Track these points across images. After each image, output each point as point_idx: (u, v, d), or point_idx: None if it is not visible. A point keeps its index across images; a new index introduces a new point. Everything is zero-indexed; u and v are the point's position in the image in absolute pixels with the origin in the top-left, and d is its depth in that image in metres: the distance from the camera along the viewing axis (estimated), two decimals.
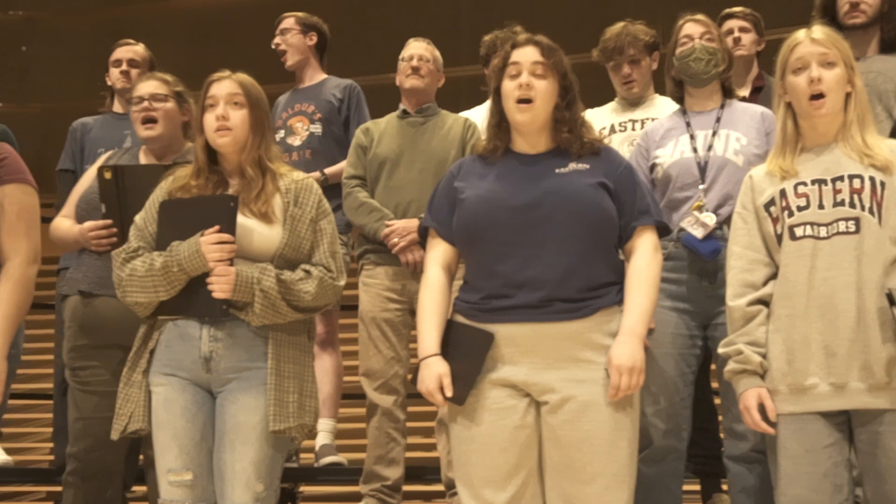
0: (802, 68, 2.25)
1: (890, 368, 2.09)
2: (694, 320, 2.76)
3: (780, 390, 2.20)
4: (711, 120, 2.89)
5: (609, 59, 3.38)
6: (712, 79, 2.91)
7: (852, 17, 3.30)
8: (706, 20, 2.98)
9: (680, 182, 2.81)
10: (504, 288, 2.24)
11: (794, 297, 2.19)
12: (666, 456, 2.73)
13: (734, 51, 3.62)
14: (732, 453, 2.72)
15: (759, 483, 2.66)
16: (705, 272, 2.75)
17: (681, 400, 2.74)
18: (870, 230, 2.14)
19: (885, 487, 2.09)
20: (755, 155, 2.78)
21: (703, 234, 2.73)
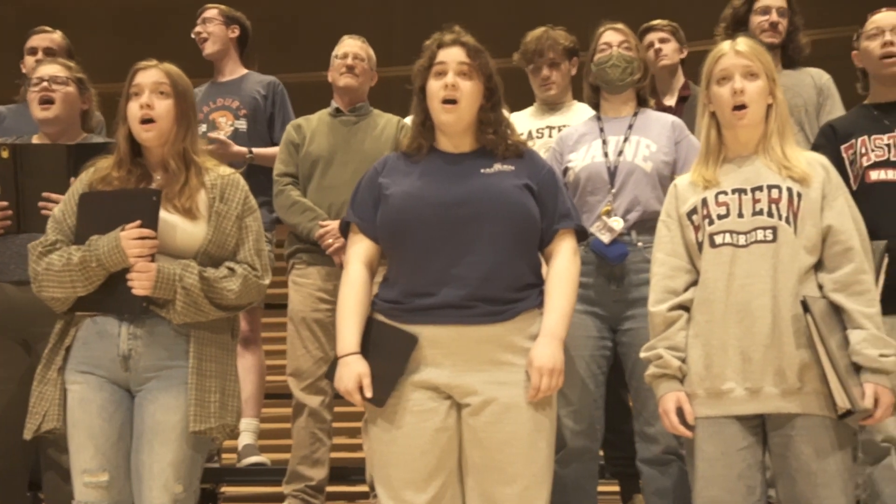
0: (726, 79, 2.30)
1: (802, 374, 2.14)
2: (603, 323, 2.80)
3: (697, 394, 2.25)
4: (624, 126, 2.94)
5: (529, 62, 3.43)
6: (627, 86, 2.97)
7: (770, 36, 3.43)
8: (625, 30, 3.03)
9: (590, 186, 2.85)
10: (428, 286, 2.25)
11: (712, 304, 2.24)
12: (580, 456, 2.77)
13: (658, 62, 3.71)
14: (644, 456, 2.76)
15: (672, 485, 2.72)
16: (613, 276, 2.78)
17: (593, 401, 2.78)
18: (786, 239, 2.20)
19: (796, 489, 2.15)
20: (664, 162, 2.84)
21: (609, 239, 2.77)
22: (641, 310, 2.71)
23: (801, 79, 3.41)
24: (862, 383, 2.10)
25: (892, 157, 2.72)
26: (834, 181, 2.26)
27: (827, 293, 2.18)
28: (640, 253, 2.77)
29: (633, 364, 2.76)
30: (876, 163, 2.74)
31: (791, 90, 3.37)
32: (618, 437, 3.08)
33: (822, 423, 2.13)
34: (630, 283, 2.78)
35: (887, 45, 2.78)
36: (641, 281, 2.74)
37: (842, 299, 2.15)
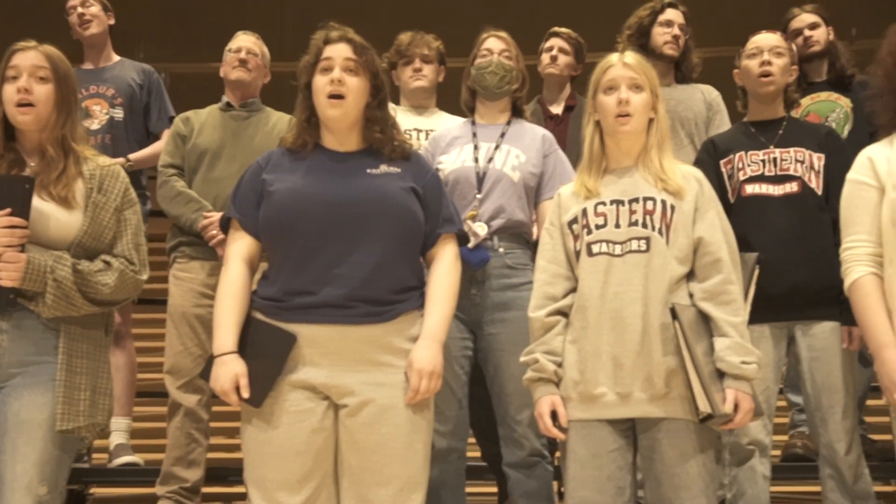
0: (613, 89, 2.36)
1: (669, 380, 2.21)
2: (464, 325, 2.83)
3: (571, 398, 2.30)
4: (497, 134, 2.97)
5: (402, 56, 3.46)
6: (504, 94, 3.01)
7: (671, 49, 3.54)
8: (508, 38, 3.08)
9: (458, 190, 2.88)
10: (309, 284, 2.22)
11: (588, 311, 2.29)
12: (447, 456, 2.79)
13: (547, 68, 3.78)
14: (510, 460, 2.80)
15: (538, 486, 2.77)
16: (474, 280, 2.81)
17: (457, 401, 2.81)
18: (658, 250, 2.27)
19: (661, 490, 2.22)
20: (531, 173, 2.90)
21: (473, 244, 2.80)
22: (500, 315, 2.77)
23: (692, 93, 3.53)
24: (724, 389, 2.18)
25: (767, 173, 2.84)
26: (707, 195, 2.34)
27: (696, 302, 2.26)
28: (501, 259, 2.81)
29: (493, 369, 2.81)
30: (751, 177, 2.85)
31: (682, 104, 3.49)
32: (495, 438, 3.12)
33: (686, 427, 2.21)
34: (490, 287, 2.81)
35: (765, 65, 2.89)
36: (501, 286, 2.79)
37: (709, 308, 2.23)
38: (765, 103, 2.94)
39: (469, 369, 2.86)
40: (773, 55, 2.90)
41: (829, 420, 2.69)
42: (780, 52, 2.92)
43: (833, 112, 3.51)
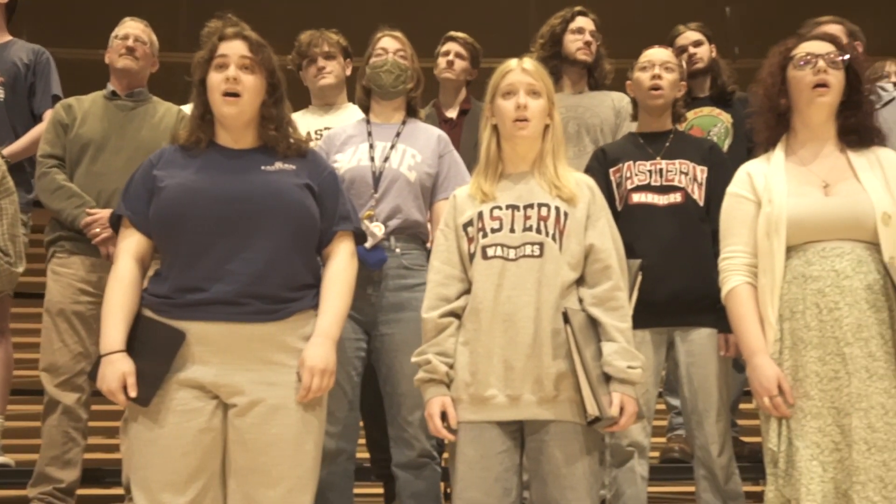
0: (511, 93, 2.39)
1: (558, 383, 2.25)
2: (359, 325, 2.83)
3: (462, 399, 2.31)
4: (392, 133, 2.98)
5: (304, 56, 3.45)
6: (399, 94, 3.02)
7: (584, 54, 3.62)
8: (402, 38, 3.09)
9: (354, 189, 2.87)
10: (200, 281, 2.19)
11: (481, 313, 2.31)
12: (336, 458, 2.78)
13: (444, 72, 3.80)
14: (399, 461, 2.81)
15: (426, 488, 2.79)
16: (371, 280, 2.82)
17: (348, 402, 2.80)
18: (551, 255, 2.31)
19: (546, 490, 2.26)
20: (427, 174, 2.92)
21: (371, 244, 2.80)
22: (395, 315, 2.78)
23: (602, 100, 3.61)
24: (610, 392, 2.24)
25: (653, 183, 2.92)
26: (598, 203, 2.39)
27: (586, 307, 2.31)
28: (397, 259, 2.82)
29: (386, 369, 2.81)
30: (638, 186, 2.92)
31: (590, 110, 3.57)
32: (385, 440, 3.12)
33: (573, 430, 2.25)
34: (386, 288, 2.82)
35: (655, 79, 2.98)
36: (398, 287, 2.80)
37: (598, 313, 2.28)
38: (654, 116, 3.03)
39: (362, 371, 2.85)
40: (663, 70, 2.99)
41: (704, 423, 2.78)
42: (671, 68, 3.01)
43: (715, 126, 3.65)
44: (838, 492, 2.17)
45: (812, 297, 2.27)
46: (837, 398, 2.21)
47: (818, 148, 2.42)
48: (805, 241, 2.32)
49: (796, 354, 2.27)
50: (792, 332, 2.29)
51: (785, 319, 2.31)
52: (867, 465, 2.14)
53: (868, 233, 2.29)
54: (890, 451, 2.15)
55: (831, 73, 2.37)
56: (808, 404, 2.23)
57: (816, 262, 2.29)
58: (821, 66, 2.37)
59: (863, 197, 2.31)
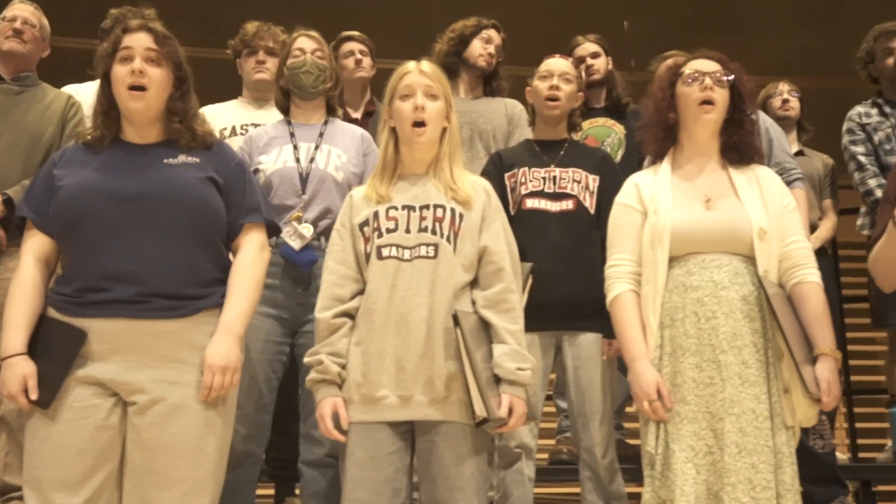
0: (409, 95, 2.40)
1: (449, 384, 2.27)
2: (284, 327, 2.82)
3: (354, 400, 2.31)
4: (315, 134, 2.98)
5: (246, 47, 3.40)
6: (319, 94, 3.02)
7: (484, 61, 3.65)
8: (319, 38, 3.09)
9: (281, 191, 2.86)
10: (101, 280, 2.13)
11: (374, 313, 2.32)
12: (244, 461, 2.74)
13: (357, 72, 3.80)
14: (307, 458, 2.79)
15: (329, 488, 2.76)
16: (300, 280, 2.82)
17: (263, 405, 2.78)
18: (446, 256, 2.33)
19: (436, 491, 2.27)
20: (353, 173, 2.93)
21: (300, 246, 2.80)
22: None
23: (495, 107, 3.65)
24: (500, 394, 2.26)
25: (546, 189, 2.97)
26: (493, 206, 2.43)
27: (478, 309, 2.33)
28: None
29: (306, 368, 2.78)
30: (532, 192, 2.97)
31: (483, 116, 3.61)
32: (282, 440, 3.09)
33: (463, 430, 2.27)
34: (315, 287, 2.78)
35: (554, 89, 3.04)
36: None
37: (490, 315, 2.31)
38: (550, 124, 3.08)
39: (281, 374, 2.82)
40: (562, 81, 3.04)
41: (589, 426, 2.84)
42: (569, 79, 3.07)
43: (609, 137, 3.75)
44: (710, 493, 2.25)
45: (691, 306, 2.35)
46: (712, 403, 2.29)
47: (702, 163, 2.51)
48: (687, 253, 2.40)
49: (675, 361, 2.35)
50: (672, 339, 2.37)
51: (665, 327, 2.38)
52: (737, 467, 2.23)
53: (745, 247, 2.38)
54: (759, 453, 2.24)
55: (717, 91, 2.46)
56: (685, 409, 2.30)
57: (697, 273, 2.37)
58: (707, 83, 2.45)
59: (741, 213, 2.41)
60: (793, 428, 2.31)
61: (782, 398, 2.30)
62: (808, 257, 2.43)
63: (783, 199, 2.47)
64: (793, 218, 2.46)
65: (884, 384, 4.14)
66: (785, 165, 3.43)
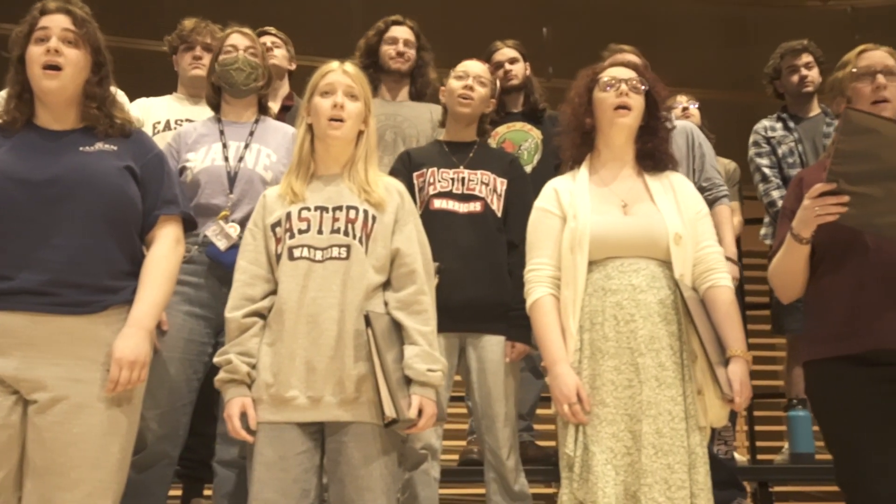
0: (329, 93, 2.39)
1: (360, 385, 2.27)
2: (209, 327, 2.76)
3: (263, 400, 2.29)
4: (245, 132, 2.94)
5: (183, 42, 3.34)
6: (251, 92, 2.98)
7: (397, 63, 3.64)
8: (253, 35, 3.05)
9: (209, 190, 2.81)
10: (6, 269, 2.06)
11: (285, 314, 2.30)
12: (157, 462, 2.67)
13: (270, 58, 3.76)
14: (222, 458, 2.74)
15: (236, 488, 2.71)
16: (226, 279, 2.74)
17: (182, 406, 2.71)
18: (357, 258, 2.32)
19: (345, 491, 2.26)
20: (282, 173, 2.88)
21: (226, 246, 2.75)
22: None
23: (421, 112, 3.64)
24: (410, 395, 2.27)
25: (455, 190, 2.97)
26: (407, 208, 2.43)
27: (390, 310, 2.33)
28: None
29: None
30: (440, 193, 2.97)
31: (408, 121, 3.60)
32: (196, 440, 3.02)
33: (372, 431, 2.27)
34: None
35: (467, 89, 3.05)
36: None
37: (402, 317, 2.32)
38: (461, 125, 3.09)
39: (203, 374, 2.75)
40: (476, 82, 3.06)
41: (494, 427, 2.86)
42: (483, 82, 3.09)
43: (526, 142, 3.79)
44: (628, 493, 2.29)
45: (610, 310, 2.39)
46: (630, 405, 2.33)
47: (618, 169, 2.56)
48: (606, 257, 2.44)
49: (594, 363, 2.38)
50: (591, 342, 2.40)
51: (585, 330, 2.41)
52: (654, 467, 2.27)
53: (661, 251, 2.43)
54: (674, 454, 2.29)
55: (632, 97, 2.51)
56: (604, 411, 2.34)
57: (615, 277, 2.42)
58: (623, 89, 2.50)
59: (657, 218, 2.46)
60: (705, 429, 2.37)
61: (696, 399, 2.35)
62: (719, 261, 2.50)
63: (696, 205, 2.54)
64: (705, 224, 2.53)
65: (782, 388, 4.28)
66: (714, 181, 3.53)
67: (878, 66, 2.43)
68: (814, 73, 3.91)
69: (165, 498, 2.78)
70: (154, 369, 2.25)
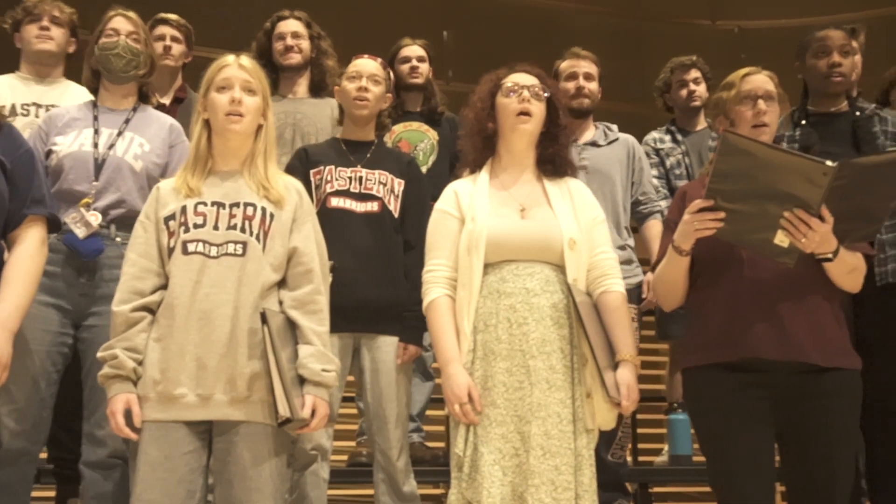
0: (226, 88, 2.35)
1: (252, 383, 2.24)
2: (66, 317, 2.66)
3: (150, 397, 2.23)
4: (121, 120, 2.85)
5: (28, 14, 3.22)
6: (131, 79, 2.90)
7: (287, 59, 3.60)
8: (137, 20, 2.95)
9: (73, 175, 2.72)
10: None
11: (176, 309, 2.25)
12: (17, 459, 2.56)
13: (163, 58, 3.66)
14: (89, 459, 2.65)
15: (113, 489, 2.64)
16: (84, 269, 2.67)
17: (41, 400, 2.60)
18: (254, 255, 2.29)
19: (233, 492, 2.22)
20: (155, 164, 2.82)
21: (85, 234, 2.66)
22: (107, 307, 2.62)
23: (321, 109, 3.61)
24: (303, 395, 2.25)
25: (352, 189, 2.96)
26: (306, 207, 2.41)
27: (285, 309, 2.31)
28: (117, 249, 2.68)
29: (90, 363, 2.64)
30: (337, 191, 2.96)
31: (307, 118, 3.56)
32: (68, 437, 2.92)
33: (264, 431, 2.24)
34: (101, 278, 2.67)
35: (361, 90, 3.03)
36: (113, 277, 2.64)
37: (297, 316, 2.29)
38: (358, 125, 3.08)
39: (62, 367, 2.64)
40: (370, 82, 3.04)
41: (385, 428, 2.86)
42: (378, 81, 3.07)
43: (422, 142, 3.81)
44: (515, 494, 2.32)
45: (504, 312, 2.42)
46: (520, 407, 2.37)
47: (518, 174, 2.60)
48: (501, 260, 2.47)
49: (487, 365, 2.41)
50: (484, 343, 2.43)
51: (479, 331, 2.44)
52: (541, 469, 2.31)
53: (556, 256, 2.48)
54: (562, 456, 2.33)
55: (534, 104, 2.55)
56: (495, 412, 2.37)
57: (510, 280, 2.45)
58: (525, 96, 2.54)
59: (553, 223, 2.51)
60: (593, 431, 2.42)
61: (585, 402, 2.41)
62: (613, 268, 2.56)
63: (593, 211, 2.60)
64: (601, 230, 2.59)
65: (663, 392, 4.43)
66: (650, 196, 3.63)
67: (760, 92, 2.54)
68: (701, 88, 4.06)
69: (28, 496, 2.66)
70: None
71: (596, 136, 3.60)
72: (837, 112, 3.22)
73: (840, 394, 2.39)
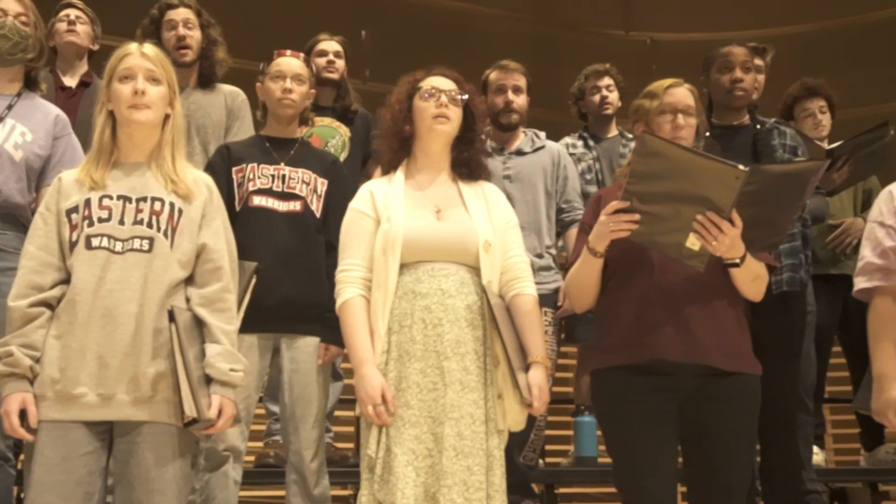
0: (129, 78, 2.28)
1: (156, 383, 2.18)
2: None
3: (47, 396, 2.16)
4: (2, 105, 2.76)
5: None
6: (16, 62, 2.80)
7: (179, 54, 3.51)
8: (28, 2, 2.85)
9: None
10: None
11: (77, 305, 2.18)
12: None
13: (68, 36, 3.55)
14: None
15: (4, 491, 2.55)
16: None
17: None
18: (161, 251, 2.24)
19: (134, 494, 2.16)
20: (37, 155, 2.73)
21: None
22: None
23: (214, 100, 3.52)
24: (210, 394, 2.20)
25: (275, 188, 2.92)
26: (215, 203, 2.36)
27: (193, 307, 2.26)
28: None
29: None
30: (260, 189, 2.92)
31: (202, 110, 3.47)
32: None
33: (168, 431, 2.19)
34: None
35: (286, 92, 3.00)
36: None
37: (205, 314, 2.25)
38: (282, 123, 3.05)
39: None
40: (295, 82, 3.01)
41: (301, 429, 2.83)
42: (302, 80, 3.05)
43: (333, 138, 3.79)
44: (427, 494, 2.32)
45: (419, 313, 2.42)
46: (434, 408, 2.37)
47: (434, 175, 2.60)
48: (417, 260, 2.46)
49: (401, 366, 2.40)
50: (399, 344, 2.42)
51: (394, 332, 2.43)
52: (454, 469, 2.32)
53: (471, 257, 2.49)
54: (474, 456, 2.34)
55: (451, 108, 2.56)
56: (408, 413, 2.36)
57: (426, 281, 2.44)
58: (443, 100, 2.55)
59: (469, 224, 2.52)
60: (503, 432, 2.44)
61: (496, 403, 2.42)
62: (526, 271, 2.58)
63: (506, 215, 2.61)
64: (514, 233, 2.61)
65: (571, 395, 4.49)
66: (574, 204, 3.65)
67: (680, 106, 2.61)
68: (614, 95, 4.14)
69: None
70: None
71: (522, 143, 3.63)
72: (740, 125, 3.35)
73: (741, 398, 2.46)
